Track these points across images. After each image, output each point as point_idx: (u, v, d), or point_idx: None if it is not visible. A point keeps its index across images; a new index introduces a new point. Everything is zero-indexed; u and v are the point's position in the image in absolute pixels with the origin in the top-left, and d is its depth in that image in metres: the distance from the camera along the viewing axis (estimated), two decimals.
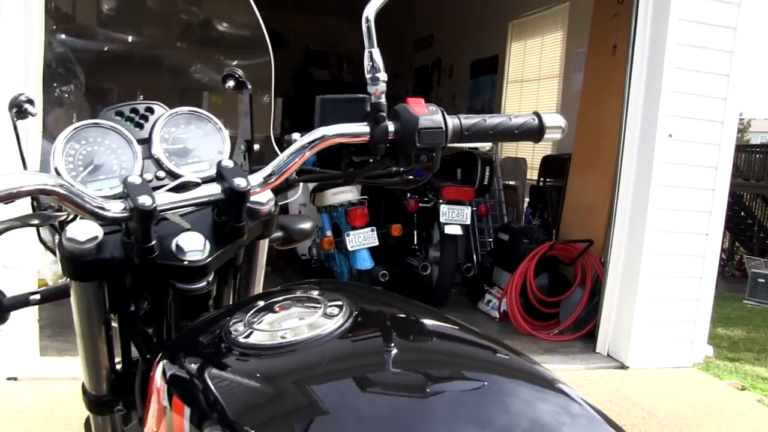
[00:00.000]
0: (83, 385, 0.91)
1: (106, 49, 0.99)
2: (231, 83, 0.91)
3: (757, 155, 16.14)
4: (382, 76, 0.80)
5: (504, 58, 6.82)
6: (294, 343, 0.59)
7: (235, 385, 0.58)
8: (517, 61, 6.79)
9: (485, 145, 4.38)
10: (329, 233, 4.40)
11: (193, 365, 0.63)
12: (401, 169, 0.84)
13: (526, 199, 6.07)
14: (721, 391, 3.65)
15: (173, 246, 0.75)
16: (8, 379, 2.83)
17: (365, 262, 4.19)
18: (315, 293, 0.68)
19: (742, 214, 16.54)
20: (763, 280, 11.94)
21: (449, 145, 0.81)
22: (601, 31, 4.71)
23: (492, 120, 0.84)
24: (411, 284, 4.69)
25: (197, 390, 0.58)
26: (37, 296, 0.86)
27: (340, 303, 0.64)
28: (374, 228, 4.24)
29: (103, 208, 0.70)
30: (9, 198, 0.64)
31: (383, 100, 0.81)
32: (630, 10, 3.76)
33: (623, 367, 3.80)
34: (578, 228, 4.70)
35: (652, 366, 3.80)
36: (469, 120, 0.83)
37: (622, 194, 3.82)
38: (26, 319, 2.91)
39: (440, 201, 4.46)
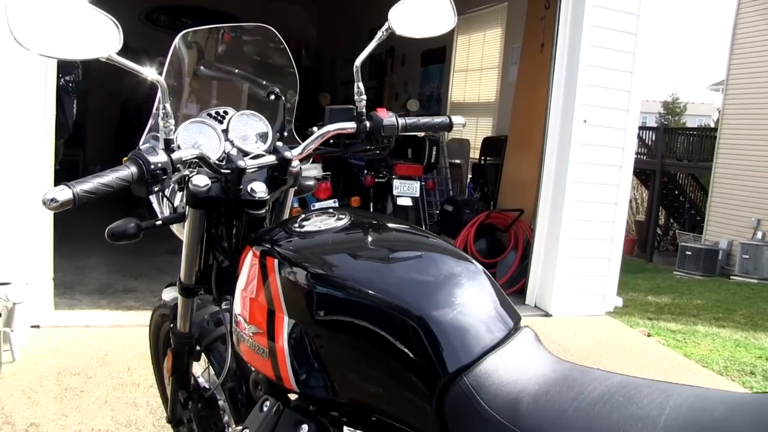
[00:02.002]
0: (179, 279, 1.36)
1: (200, 74, 1.51)
2: (272, 97, 1.40)
3: (692, 138, 17.09)
4: (364, 97, 1.38)
5: (451, 50, 7.21)
6: (324, 229, 1.15)
7: (298, 246, 1.14)
8: (463, 52, 7.20)
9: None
10: (297, 205, 4.96)
11: (275, 243, 1.16)
12: (372, 147, 1.42)
13: (469, 176, 6.61)
14: (627, 334, 4.36)
15: (249, 189, 1.18)
16: (32, 326, 3.27)
17: None
18: (331, 210, 1.23)
19: (676, 192, 17.60)
20: (690, 253, 12.94)
21: (403, 133, 1.40)
22: (532, 30, 5.31)
23: (423, 120, 1.45)
24: None
25: (281, 251, 1.11)
26: (159, 221, 1.24)
27: (345, 213, 1.20)
28: (336, 200, 4.83)
29: (221, 167, 1.16)
30: (188, 160, 1.12)
31: (364, 110, 1.37)
32: (554, 15, 4.39)
33: (547, 315, 4.43)
34: (513, 200, 5.31)
35: (571, 314, 4.44)
36: (410, 120, 1.43)
37: (546, 170, 4.41)
38: (43, 277, 3.33)
39: (393, 176, 5.08)
